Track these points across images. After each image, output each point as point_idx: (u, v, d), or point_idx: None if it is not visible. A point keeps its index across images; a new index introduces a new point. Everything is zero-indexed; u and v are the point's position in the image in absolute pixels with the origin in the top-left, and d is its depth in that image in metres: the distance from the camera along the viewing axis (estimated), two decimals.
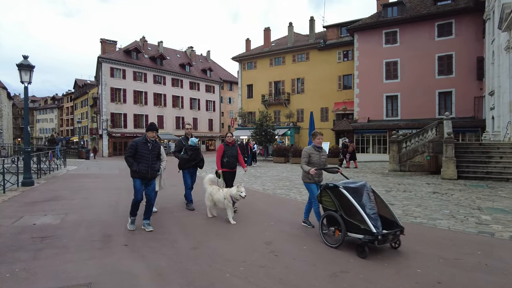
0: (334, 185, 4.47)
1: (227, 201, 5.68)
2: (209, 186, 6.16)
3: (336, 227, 4.45)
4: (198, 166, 6.94)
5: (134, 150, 5.07)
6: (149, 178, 5.21)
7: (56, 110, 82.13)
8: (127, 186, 10.22)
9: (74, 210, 6.51)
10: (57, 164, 15.26)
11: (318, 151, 5.26)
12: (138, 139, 5.18)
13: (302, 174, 5.35)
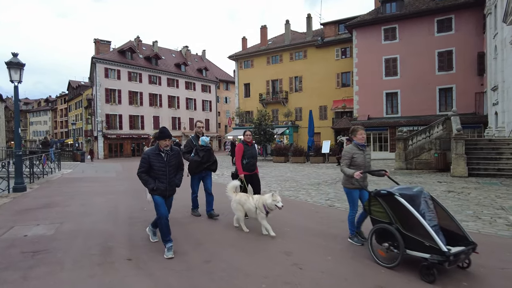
0: (387, 192, 3.73)
1: (259, 211, 4.88)
2: (234, 194, 5.31)
3: (390, 243, 3.66)
4: (210, 169, 6.05)
5: (148, 164, 4.19)
6: (167, 195, 4.38)
7: (50, 112, 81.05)
8: (126, 189, 9.72)
9: (69, 219, 5.98)
10: (51, 168, 14.66)
11: (362, 150, 4.47)
12: (149, 150, 4.27)
13: (342, 179, 4.59)
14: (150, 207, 6.90)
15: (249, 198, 5.09)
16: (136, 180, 12.48)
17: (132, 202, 7.55)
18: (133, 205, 7.18)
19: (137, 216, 6.18)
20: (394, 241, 3.59)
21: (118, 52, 41.74)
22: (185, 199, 6.76)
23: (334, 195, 8.29)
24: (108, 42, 44.44)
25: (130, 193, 9.01)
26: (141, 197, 8.21)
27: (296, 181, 11.19)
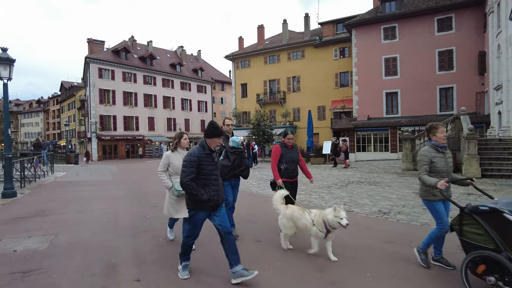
0: (491, 208, 2.88)
1: (318, 230, 3.92)
2: (282, 206, 4.37)
3: (498, 277, 2.76)
4: (241, 176, 4.92)
5: (197, 168, 3.26)
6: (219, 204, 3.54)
7: (42, 113, 79.62)
8: (124, 194, 9.12)
9: (65, 228, 5.38)
10: (43, 171, 13.96)
11: (443, 153, 3.63)
12: (196, 149, 3.34)
13: (421, 189, 3.70)
14: (154, 215, 6.37)
15: (305, 213, 4.13)
16: (134, 184, 11.88)
17: (133, 209, 6.96)
18: (134, 212, 6.60)
19: (141, 225, 5.61)
20: (505, 274, 2.70)
21: (112, 52, 40.91)
22: None
23: (349, 199, 7.79)
24: (102, 42, 43.62)
25: (130, 198, 8.43)
26: (142, 203, 7.64)
27: (303, 183, 10.62)
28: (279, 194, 4.45)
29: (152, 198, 8.42)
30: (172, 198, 4.24)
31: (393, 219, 5.89)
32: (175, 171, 4.21)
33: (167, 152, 4.37)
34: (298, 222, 4.15)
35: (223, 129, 4.87)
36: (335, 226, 3.78)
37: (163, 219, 5.93)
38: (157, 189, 10.15)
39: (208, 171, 3.31)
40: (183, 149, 4.40)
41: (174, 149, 4.37)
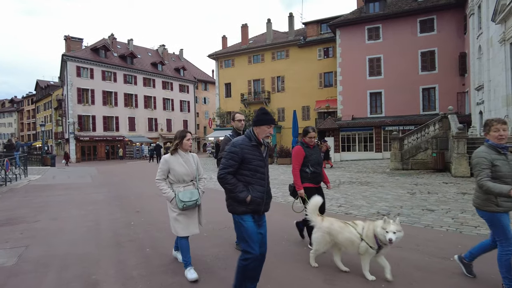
0: None
1: (368, 246, 3.25)
2: (319, 218, 3.66)
3: None
4: None
5: (239, 162, 2.69)
6: (262, 211, 2.82)
7: (16, 113, 76.35)
8: (105, 198, 8.50)
9: (38, 239, 4.79)
10: (15, 174, 13.01)
11: (504, 154, 2.95)
12: (240, 139, 2.76)
13: (478, 197, 3.05)
14: (138, 221, 5.85)
15: (348, 226, 3.46)
16: (115, 187, 11.17)
17: (115, 215, 6.40)
18: (117, 219, 6.05)
19: (124, 233, 5.08)
20: None
21: (91, 50, 39.51)
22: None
23: (344, 200, 7.50)
24: (80, 39, 42.17)
25: (111, 202, 7.83)
26: (124, 208, 7.09)
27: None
28: (314, 203, 3.65)
29: (135, 202, 7.87)
30: (175, 211, 3.45)
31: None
32: (177, 178, 3.47)
33: (166, 156, 3.58)
34: (339, 237, 3.44)
35: (234, 125, 4.39)
36: (384, 241, 3.12)
37: (148, 225, 5.45)
38: (139, 192, 9.59)
39: (253, 167, 2.70)
40: (186, 151, 3.58)
41: (174, 151, 3.52)
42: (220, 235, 4.89)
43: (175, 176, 3.46)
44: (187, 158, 3.57)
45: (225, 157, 2.72)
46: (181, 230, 3.45)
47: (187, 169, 3.50)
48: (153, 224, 5.52)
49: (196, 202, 3.49)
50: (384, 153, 24.27)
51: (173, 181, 3.50)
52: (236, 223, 2.75)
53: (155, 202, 7.83)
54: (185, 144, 3.54)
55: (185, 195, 3.39)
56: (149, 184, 11.74)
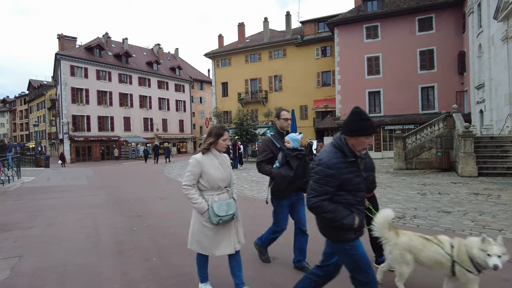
0: None
1: (465, 270, 2.58)
2: (391, 232, 2.99)
3: None
4: (304, 190, 3.40)
5: (335, 187, 2.14)
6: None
7: (8, 114, 75.24)
8: (103, 201, 8.11)
9: (33, 248, 4.41)
10: (8, 176, 12.54)
11: None
12: (332, 155, 2.15)
13: None
14: (140, 226, 5.49)
15: (431, 243, 2.81)
16: (113, 189, 10.75)
17: (115, 220, 6.03)
18: (117, 224, 5.68)
19: (127, 240, 4.72)
20: None
21: (85, 49, 38.87)
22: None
23: None
24: (74, 38, 41.55)
25: (110, 206, 7.45)
26: (124, 212, 6.71)
27: None
28: (384, 216, 2.93)
29: (135, 205, 7.49)
30: (207, 225, 2.76)
31: (411, 224, 5.34)
32: (211, 184, 2.78)
33: (197, 156, 2.84)
34: (421, 255, 2.81)
35: (278, 125, 3.65)
36: (482, 264, 2.48)
37: (152, 231, 5.09)
38: (139, 194, 9.21)
39: (353, 187, 2.17)
40: (220, 152, 2.94)
41: (207, 151, 2.84)
42: None
43: (208, 182, 2.77)
44: (223, 160, 2.91)
45: (317, 181, 2.12)
46: (212, 248, 2.77)
47: (223, 173, 2.83)
48: (157, 230, 5.16)
49: (233, 216, 2.79)
50: (384, 153, 24.12)
51: (205, 188, 2.80)
52: (346, 253, 2.21)
53: (156, 205, 7.48)
54: (220, 145, 2.86)
55: (221, 208, 2.73)
56: (148, 185, 11.37)
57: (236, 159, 17.76)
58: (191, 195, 2.73)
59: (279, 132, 3.63)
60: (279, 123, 3.65)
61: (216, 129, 2.87)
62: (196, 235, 2.85)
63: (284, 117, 3.63)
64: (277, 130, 3.66)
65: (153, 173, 16.59)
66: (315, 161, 2.24)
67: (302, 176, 3.35)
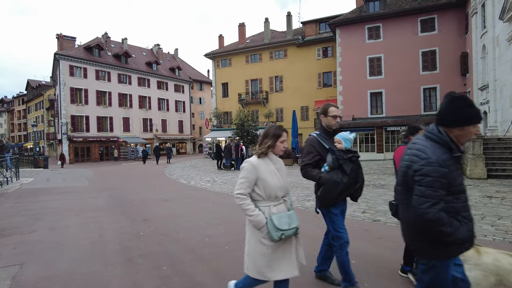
0: None
1: None
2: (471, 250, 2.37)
3: None
4: (354, 196, 3.16)
5: (448, 181, 1.77)
6: None
7: (6, 114, 74.73)
8: (106, 204, 7.86)
9: (34, 255, 4.16)
10: (6, 177, 12.26)
11: None
12: (436, 150, 1.78)
13: None
14: (147, 231, 5.24)
15: None
16: (115, 191, 10.49)
17: (120, 224, 5.78)
18: (122, 229, 5.43)
19: (134, 246, 4.47)
20: None
21: (84, 48, 38.58)
22: None
23: (365, 205, 6.97)
24: (73, 38, 41.25)
25: (113, 209, 7.19)
26: (129, 215, 6.46)
27: (306, 187, 9.77)
28: None
29: (139, 208, 7.24)
30: (266, 243, 2.29)
31: None
32: (268, 193, 2.33)
33: (253, 160, 2.39)
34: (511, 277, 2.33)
35: (324, 122, 3.22)
36: None
37: (160, 236, 4.85)
38: (143, 196, 8.96)
39: (457, 188, 1.82)
40: (277, 155, 2.54)
41: (263, 154, 2.42)
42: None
43: (265, 190, 2.33)
44: (281, 165, 2.50)
45: (431, 185, 1.73)
46: (271, 271, 2.30)
47: (281, 180, 2.40)
48: (165, 235, 4.92)
49: (296, 230, 2.34)
50: (386, 154, 23.91)
51: (260, 198, 2.36)
52: (434, 270, 1.87)
53: (161, 208, 7.24)
54: (278, 147, 2.45)
55: (282, 221, 2.28)
56: (150, 187, 11.12)
57: (238, 160, 17.50)
58: (246, 206, 2.28)
59: (325, 131, 3.21)
60: (326, 120, 3.21)
61: (274, 130, 2.46)
62: (252, 256, 2.36)
63: (333, 113, 3.17)
64: (323, 129, 3.24)
65: (154, 174, 16.34)
66: None
67: (356, 182, 2.99)
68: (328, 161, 2.93)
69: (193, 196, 8.86)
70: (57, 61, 35.46)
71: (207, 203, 7.68)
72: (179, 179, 13.40)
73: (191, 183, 11.87)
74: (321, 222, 5.18)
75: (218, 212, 6.66)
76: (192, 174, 15.53)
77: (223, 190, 9.73)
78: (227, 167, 17.39)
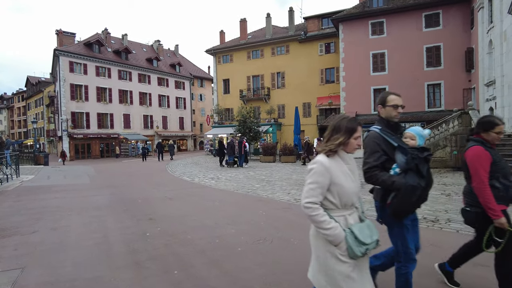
0: None
1: None
2: None
3: None
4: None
5: None
6: None
7: (5, 110, 74.47)
8: (109, 202, 7.61)
9: (36, 258, 3.92)
10: (6, 174, 12.01)
11: None
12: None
13: None
14: (154, 231, 5.00)
15: None
16: (117, 188, 10.25)
17: (124, 223, 5.53)
18: (127, 229, 5.18)
19: (141, 248, 4.23)
20: None
21: (84, 44, 38.22)
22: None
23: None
24: (73, 34, 40.82)
25: (116, 207, 6.95)
26: (134, 214, 6.22)
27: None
28: None
29: (144, 206, 7.00)
30: (346, 260, 1.88)
31: (449, 229, 4.88)
32: (343, 200, 1.92)
33: (323, 160, 1.93)
34: None
35: (383, 114, 2.67)
36: None
37: (168, 237, 4.61)
38: (146, 194, 8.72)
39: None
40: (350, 153, 2.06)
41: (332, 152, 1.96)
42: (258, 251, 4.05)
43: (339, 197, 1.91)
44: (354, 166, 2.05)
45: None
46: None
47: (356, 183, 2.01)
48: (173, 236, 4.68)
49: (377, 243, 1.98)
50: None
51: (333, 207, 1.93)
52: None
53: (166, 206, 6.99)
54: (352, 145, 1.99)
55: (363, 232, 1.91)
56: (154, 185, 10.88)
57: (241, 157, 17.26)
58: (320, 218, 1.83)
59: (388, 124, 2.63)
60: (384, 112, 2.63)
61: (347, 123, 1.99)
62: (331, 280, 1.90)
63: (393, 103, 2.57)
64: (384, 122, 2.65)
65: (156, 171, 16.10)
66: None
67: (428, 186, 2.47)
68: (400, 162, 2.39)
69: (198, 194, 8.62)
70: (57, 57, 35.13)
71: (213, 201, 7.44)
72: (182, 176, 13.17)
73: (194, 180, 11.63)
74: None
75: (226, 211, 6.42)
76: (194, 171, 15.29)
77: (228, 188, 9.49)
78: (230, 164, 17.15)
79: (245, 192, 8.60)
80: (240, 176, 12.50)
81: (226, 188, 9.42)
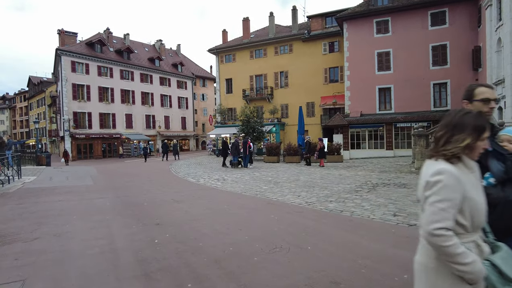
0: None
1: None
2: None
3: None
4: None
5: None
6: None
7: (7, 111, 74.44)
8: (113, 205, 7.35)
9: (38, 269, 3.65)
10: (7, 175, 11.77)
11: None
12: None
13: None
14: (162, 237, 4.74)
15: None
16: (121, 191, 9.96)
17: (131, 229, 5.26)
18: (134, 235, 4.91)
19: (149, 256, 3.96)
20: None
21: (86, 44, 38.04)
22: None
23: (394, 207, 6.43)
24: (75, 33, 40.66)
25: (122, 211, 6.68)
26: (140, 218, 5.95)
27: (323, 187, 9.23)
28: None
29: (150, 210, 6.73)
30: None
31: None
32: (476, 221, 1.50)
33: (451, 169, 1.48)
34: None
35: (478, 106, 2.02)
36: None
37: (178, 244, 4.34)
38: (152, 196, 8.45)
39: None
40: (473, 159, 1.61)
41: (455, 158, 1.53)
42: (275, 260, 3.77)
43: (472, 216, 1.49)
44: (478, 174, 1.64)
45: None
46: None
47: (483, 197, 1.58)
48: (183, 243, 4.40)
49: None
50: (396, 151, 23.39)
51: (463, 230, 1.50)
52: None
53: (174, 210, 6.73)
54: (478, 148, 1.56)
55: (508, 264, 1.48)
56: (159, 186, 10.63)
57: (246, 158, 16.98)
58: (457, 249, 1.39)
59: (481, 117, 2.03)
60: (472, 107, 2.04)
61: (475, 120, 1.55)
62: None
63: (483, 96, 2.03)
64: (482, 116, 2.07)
65: (160, 172, 15.85)
66: None
67: None
68: (497, 170, 1.88)
69: (206, 197, 8.35)
70: (59, 56, 34.96)
71: (222, 204, 7.18)
72: (186, 177, 12.90)
73: (200, 182, 11.37)
74: (383, 235, 4.53)
75: (236, 215, 6.15)
76: (199, 172, 15.03)
77: (235, 190, 9.22)
78: (235, 164, 16.88)
79: (253, 195, 8.33)
80: (246, 177, 12.23)
81: (233, 190, 9.14)
